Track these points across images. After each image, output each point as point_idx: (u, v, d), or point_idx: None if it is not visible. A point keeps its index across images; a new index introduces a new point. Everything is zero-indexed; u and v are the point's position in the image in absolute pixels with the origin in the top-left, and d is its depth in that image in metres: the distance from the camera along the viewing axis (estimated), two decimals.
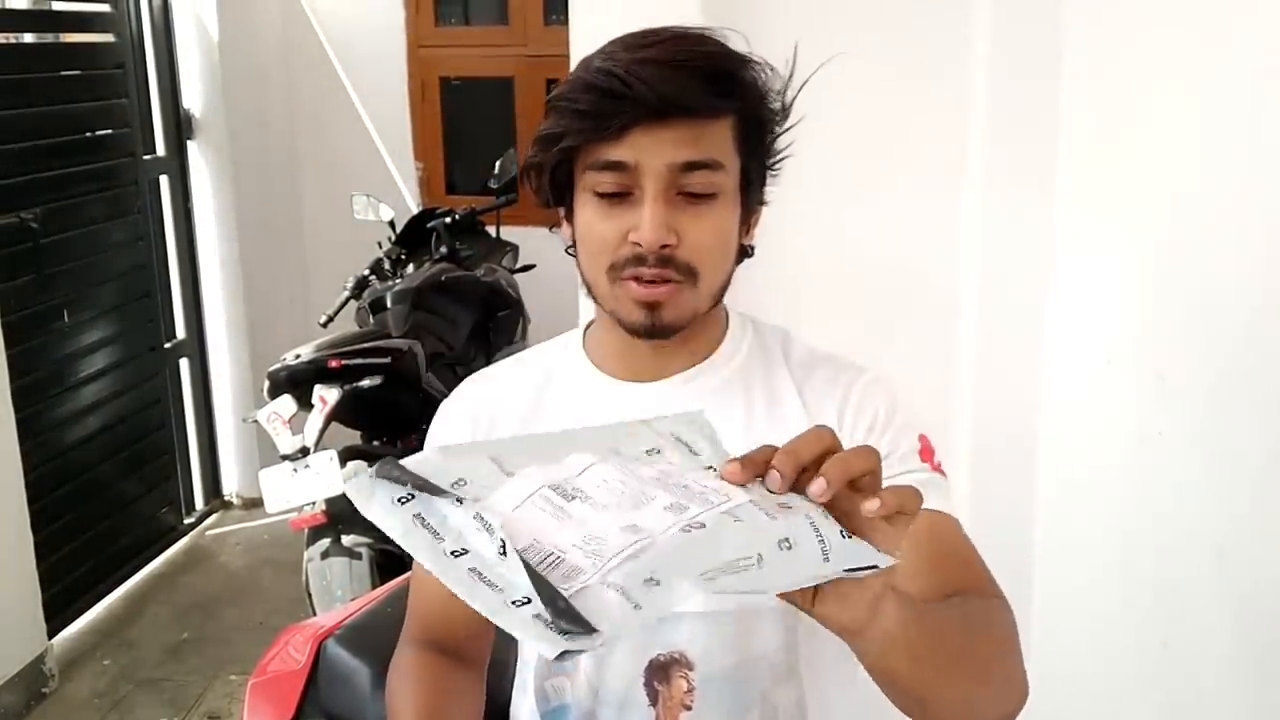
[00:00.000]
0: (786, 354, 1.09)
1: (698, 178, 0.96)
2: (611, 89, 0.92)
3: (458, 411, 1.13)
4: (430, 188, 4.32)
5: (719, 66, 0.95)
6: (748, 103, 0.98)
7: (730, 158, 0.98)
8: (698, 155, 0.95)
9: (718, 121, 0.96)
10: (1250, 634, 1.55)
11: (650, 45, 0.95)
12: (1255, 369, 1.51)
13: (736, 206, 1.01)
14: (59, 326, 3.18)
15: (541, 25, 4.16)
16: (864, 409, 1.05)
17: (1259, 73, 1.48)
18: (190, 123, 3.80)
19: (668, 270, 0.97)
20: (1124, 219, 1.71)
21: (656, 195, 0.95)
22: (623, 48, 0.95)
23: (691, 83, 0.93)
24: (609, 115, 0.93)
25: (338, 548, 2.61)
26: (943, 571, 0.99)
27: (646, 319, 0.99)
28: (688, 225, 0.97)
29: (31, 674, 2.89)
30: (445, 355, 3.17)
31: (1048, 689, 1.91)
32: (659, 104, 0.92)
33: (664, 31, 0.97)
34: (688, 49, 0.95)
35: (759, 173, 1.03)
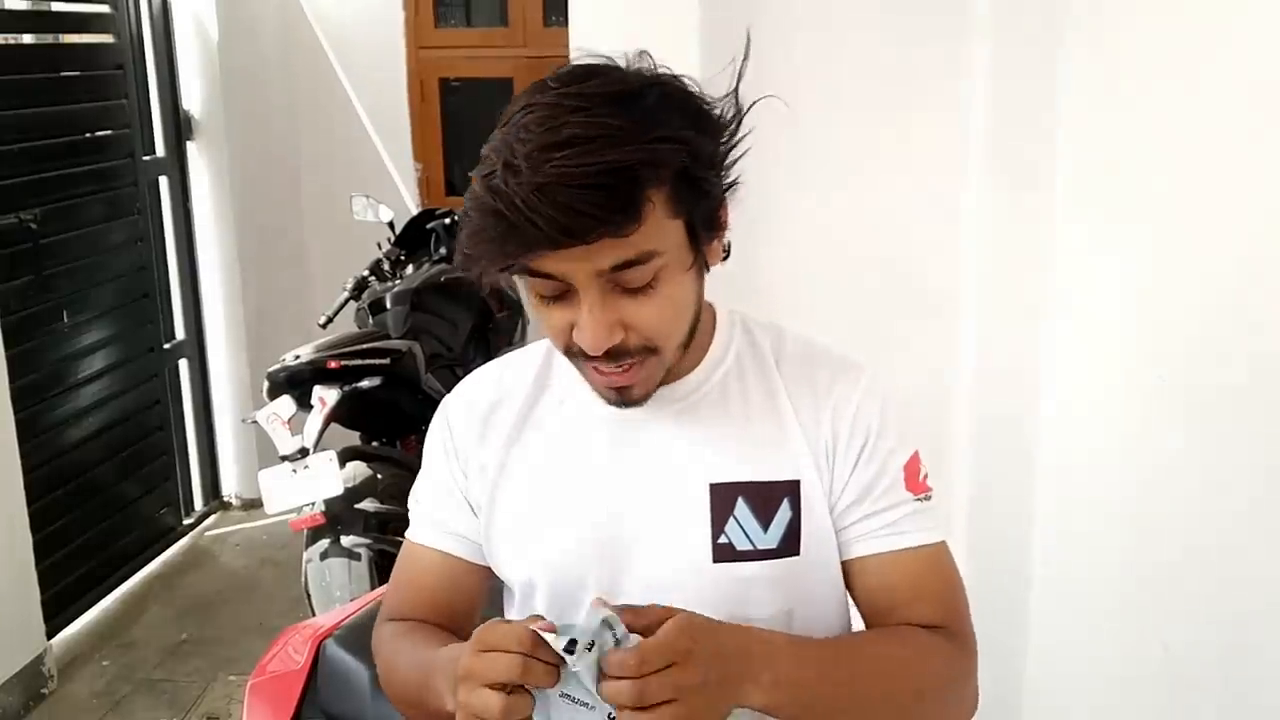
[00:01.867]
0: (778, 352, 1.07)
1: (632, 274, 0.90)
2: (514, 222, 0.85)
3: (458, 407, 1.12)
4: (430, 189, 4.32)
5: (626, 177, 0.86)
6: (674, 175, 0.89)
7: (667, 230, 0.91)
8: (626, 255, 0.89)
9: (643, 218, 0.88)
10: (1250, 637, 1.55)
11: (551, 153, 0.85)
12: (1254, 370, 1.51)
13: (686, 267, 0.95)
14: (58, 327, 3.18)
15: (541, 26, 4.16)
16: (858, 425, 1.03)
17: (1258, 73, 1.48)
18: (190, 124, 3.80)
19: (622, 359, 0.94)
20: (1123, 219, 1.71)
21: (593, 302, 0.91)
22: (525, 155, 0.85)
23: (598, 206, 0.85)
24: (511, 246, 0.87)
25: (337, 548, 2.60)
26: (905, 614, 1.02)
27: (616, 398, 0.99)
28: (633, 314, 0.92)
29: (30, 674, 2.89)
30: (444, 356, 3.17)
31: (1047, 689, 1.91)
32: (564, 237, 0.85)
33: (570, 119, 0.86)
34: (590, 161, 0.84)
35: (706, 216, 0.95)
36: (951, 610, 1.04)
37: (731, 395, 1.05)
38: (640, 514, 1.03)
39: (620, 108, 0.88)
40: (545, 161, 0.85)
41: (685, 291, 0.96)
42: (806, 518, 1.02)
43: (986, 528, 1.92)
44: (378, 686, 1.28)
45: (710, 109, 0.95)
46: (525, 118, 0.88)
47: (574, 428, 1.07)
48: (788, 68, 1.80)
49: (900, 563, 1.03)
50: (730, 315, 1.09)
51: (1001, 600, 1.90)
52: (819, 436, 1.03)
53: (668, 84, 0.93)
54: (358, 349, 2.84)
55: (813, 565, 1.03)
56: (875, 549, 1.03)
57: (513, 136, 0.88)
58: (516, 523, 1.07)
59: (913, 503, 1.03)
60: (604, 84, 0.90)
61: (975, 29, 1.83)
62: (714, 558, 1.01)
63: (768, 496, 1.01)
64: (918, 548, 1.03)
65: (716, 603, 0.99)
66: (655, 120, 0.88)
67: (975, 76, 1.84)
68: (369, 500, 2.70)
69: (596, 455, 1.05)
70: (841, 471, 1.02)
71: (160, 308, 3.70)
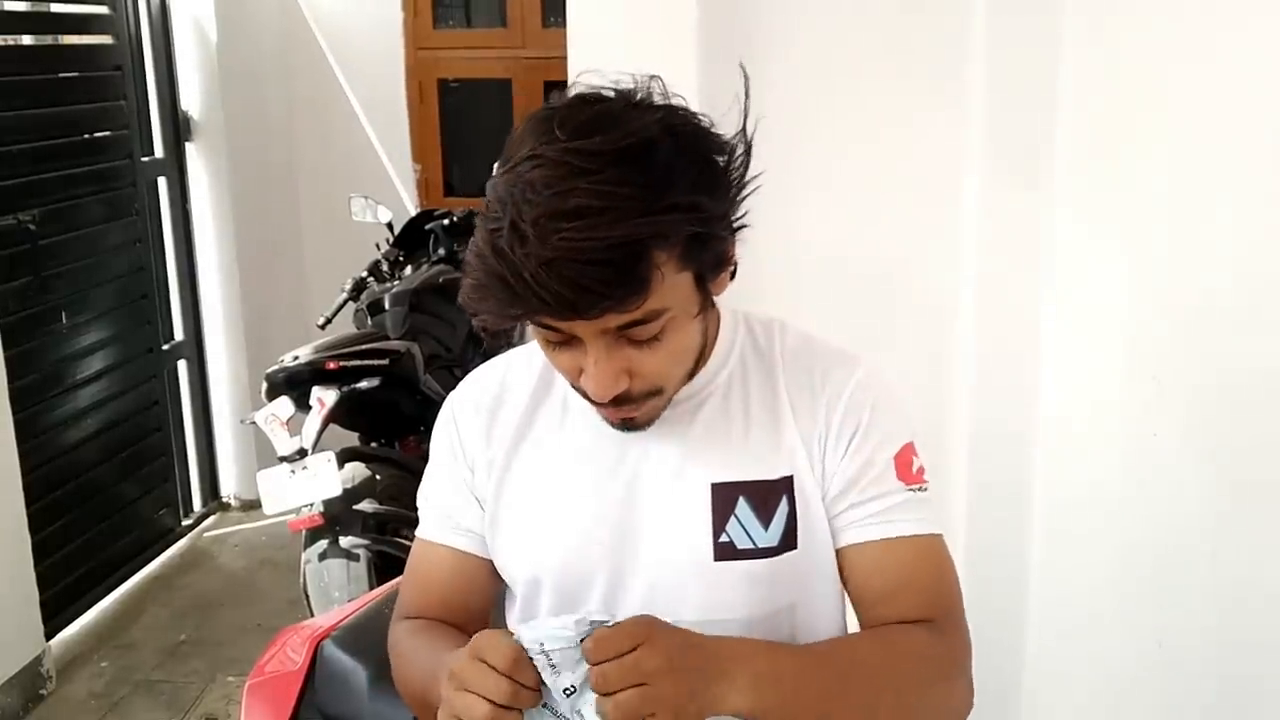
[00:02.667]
0: (779, 348, 1.07)
1: (639, 331, 0.91)
2: (519, 292, 0.85)
3: (464, 404, 1.13)
4: (428, 189, 4.33)
5: (635, 253, 0.84)
6: (682, 244, 0.88)
7: (673, 289, 0.90)
8: (631, 319, 0.89)
9: (654, 278, 0.87)
10: (1244, 633, 1.56)
11: (560, 223, 0.83)
12: (1249, 372, 1.52)
13: (693, 312, 0.95)
14: (57, 328, 3.17)
15: (540, 27, 4.16)
16: (849, 415, 1.03)
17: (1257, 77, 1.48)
18: (188, 124, 3.80)
19: (625, 405, 0.96)
20: (1122, 220, 1.72)
21: (599, 355, 0.91)
22: (533, 221, 0.83)
23: (603, 288, 0.84)
24: (519, 315, 0.89)
25: (335, 549, 2.60)
26: (893, 605, 1.02)
27: (623, 428, 1.00)
28: (639, 363, 0.93)
29: (29, 675, 2.89)
30: (443, 357, 3.17)
31: (1045, 688, 1.91)
32: (570, 312, 0.86)
33: (578, 184, 0.84)
34: (599, 236, 0.83)
35: (715, 261, 0.94)
36: (941, 603, 1.04)
37: (734, 395, 1.05)
38: (643, 514, 1.04)
39: (630, 170, 0.85)
40: (553, 232, 0.83)
41: (691, 336, 0.97)
42: (803, 511, 1.03)
43: (984, 527, 1.93)
44: (375, 687, 1.29)
45: (720, 150, 0.93)
46: (531, 172, 0.86)
47: (578, 428, 1.07)
48: (787, 67, 1.80)
49: (888, 551, 1.02)
50: (734, 316, 1.10)
51: (999, 598, 1.90)
52: (812, 428, 1.03)
53: (679, 130, 0.90)
54: (356, 350, 2.84)
55: (811, 558, 1.04)
56: (863, 537, 1.03)
57: (519, 194, 0.85)
58: (522, 522, 1.08)
59: (903, 492, 1.03)
60: (613, 139, 0.86)
61: (974, 29, 1.83)
62: (715, 556, 1.02)
63: (767, 495, 1.02)
64: (907, 537, 1.02)
65: (719, 601, 1.01)
66: (666, 183, 0.86)
67: (974, 76, 1.84)
68: (367, 501, 2.70)
69: (600, 455, 1.05)
70: (831, 461, 1.03)
71: (159, 309, 3.70)
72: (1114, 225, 1.73)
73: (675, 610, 0.99)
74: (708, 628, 0.99)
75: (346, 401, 2.74)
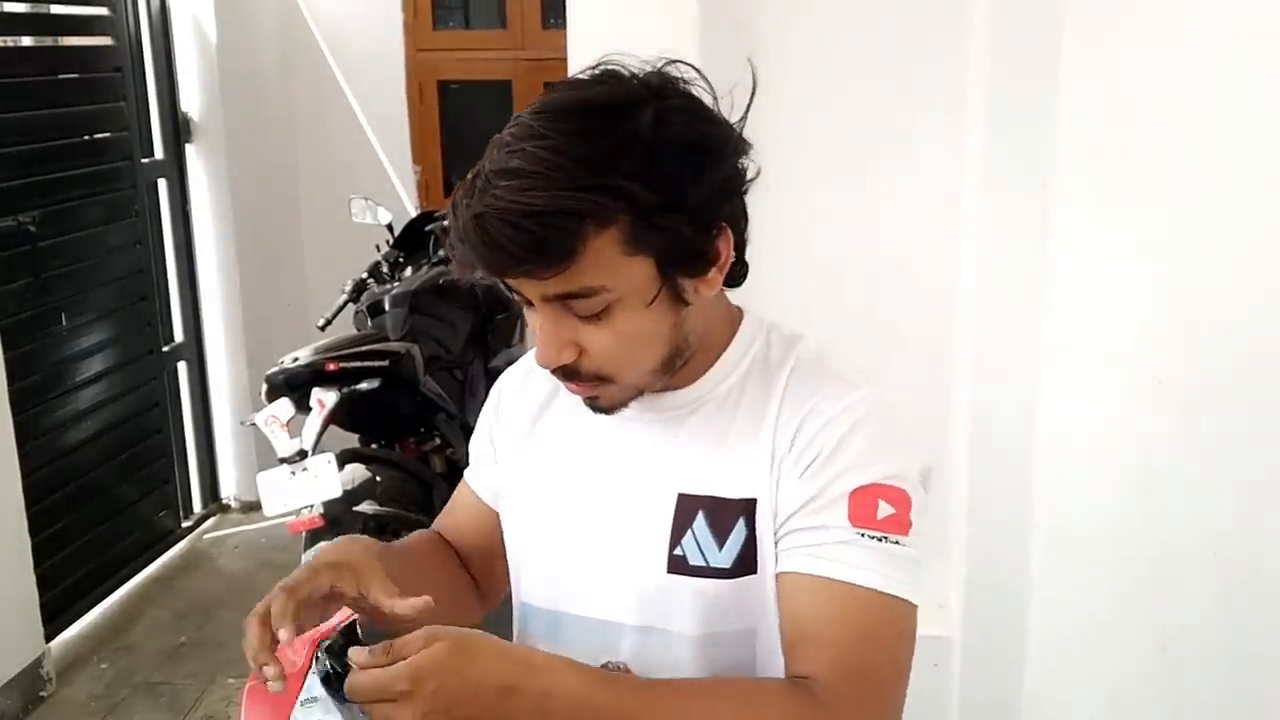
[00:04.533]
0: (795, 366, 1.01)
1: (579, 305, 0.90)
2: (455, 243, 0.89)
3: (511, 371, 1.18)
4: (428, 191, 4.33)
5: (550, 223, 0.84)
6: (629, 210, 0.86)
7: (618, 269, 0.88)
8: (568, 287, 0.88)
9: (584, 249, 0.86)
10: (1245, 635, 1.55)
11: (497, 181, 0.85)
12: (1250, 372, 1.52)
13: (644, 304, 0.91)
14: (57, 330, 3.17)
15: (539, 28, 4.16)
16: (815, 440, 0.95)
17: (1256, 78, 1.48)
18: (188, 126, 3.80)
19: (574, 381, 0.96)
20: (1123, 220, 1.72)
21: (544, 321, 0.92)
22: (485, 176, 0.86)
23: (517, 249, 0.84)
24: (464, 264, 0.90)
25: None
26: (799, 653, 0.92)
27: (591, 407, 1.00)
28: (586, 338, 0.92)
29: (29, 677, 2.89)
30: (443, 358, 3.17)
31: (1047, 689, 1.91)
32: (489, 270, 0.88)
33: (526, 146, 0.85)
34: (520, 200, 0.83)
35: (685, 251, 0.91)
36: (844, 668, 0.89)
37: (726, 408, 1.01)
38: (612, 513, 1.03)
39: (580, 140, 0.85)
40: (488, 189, 0.85)
41: (642, 326, 0.93)
42: (761, 536, 0.97)
43: (985, 529, 1.92)
44: None
45: (711, 144, 0.91)
46: (509, 129, 0.89)
47: (584, 419, 1.06)
48: (788, 67, 1.80)
49: (813, 590, 0.92)
50: (757, 326, 1.05)
51: (1000, 600, 1.90)
52: (780, 451, 0.97)
53: (668, 111, 0.89)
54: (356, 351, 2.84)
55: (768, 584, 0.97)
56: (790, 566, 0.94)
57: (493, 146, 0.89)
58: (517, 497, 1.11)
59: (848, 531, 0.92)
60: (584, 101, 0.88)
61: (975, 28, 1.83)
62: (668, 568, 0.99)
63: (726, 514, 0.98)
64: (839, 581, 0.91)
65: (669, 613, 0.99)
66: (610, 160, 0.85)
67: (975, 77, 1.84)
68: (368, 503, 2.70)
69: (591, 451, 1.06)
70: (786, 485, 0.96)
71: (159, 310, 3.70)
72: (1115, 226, 1.73)
73: (627, 615, 1.01)
74: (658, 638, 1.00)
75: (346, 403, 2.74)
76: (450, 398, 3.09)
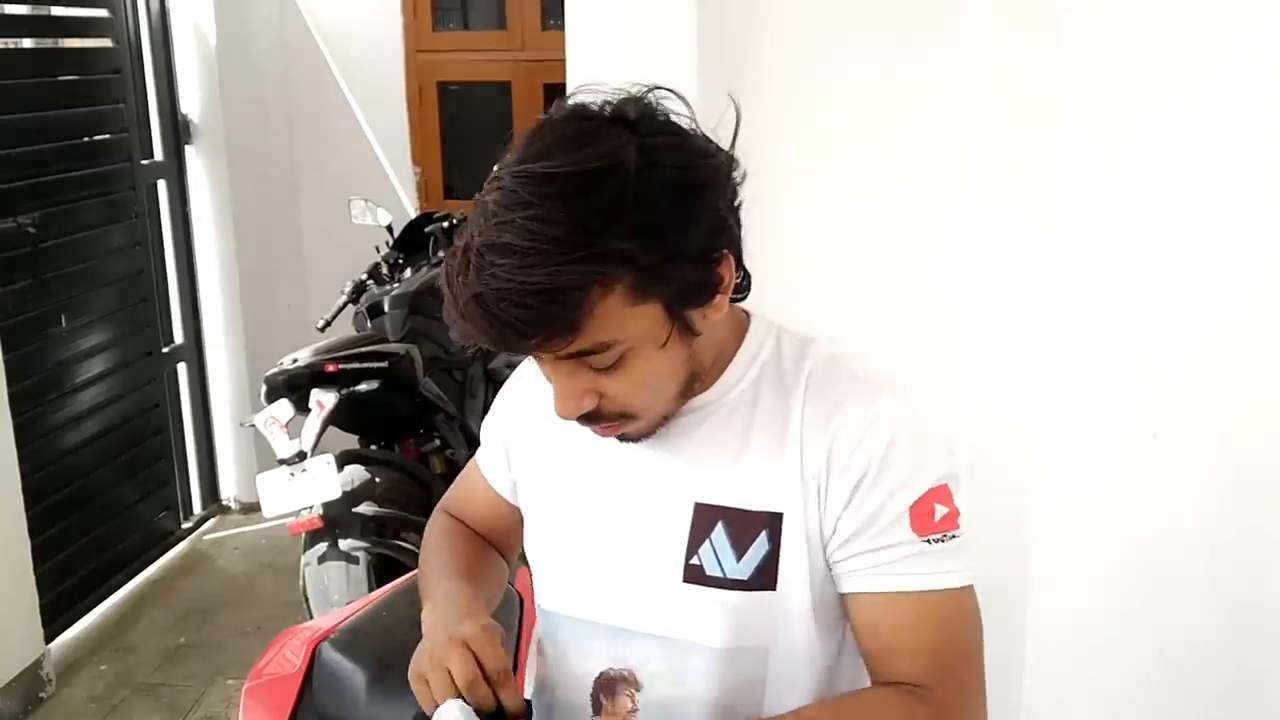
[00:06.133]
0: (813, 370, 1.00)
1: (594, 360, 0.90)
2: (456, 321, 0.87)
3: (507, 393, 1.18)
4: (428, 192, 4.33)
5: (557, 299, 0.83)
6: (628, 281, 0.85)
7: (628, 321, 0.88)
8: (578, 348, 0.88)
9: (586, 322, 0.85)
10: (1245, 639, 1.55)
11: (493, 258, 0.83)
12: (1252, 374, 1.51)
13: (657, 347, 0.91)
14: (56, 331, 3.17)
15: (539, 30, 4.16)
16: (855, 458, 0.95)
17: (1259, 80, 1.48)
18: (188, 127, 3.80)
19: (598, 424, 0.96)
20: (1126, 219, 1.72)
21: (559, 377, 0.92)
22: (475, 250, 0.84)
23: (526, 328, 0.84)
24: (467, 336, 0.88)
25: (335, 552, 2.60)
26: (890, 665, 0.96)
27: (619, 439, 0.99)
28: (604, 386, 0.92)
29: (29, 679, 2.89)
30: (443, 359, 3.17)
31: (1046, 694, 1.91)
32: (497, 347, 0.87)
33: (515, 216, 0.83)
34: (520, 279, 0.82)
35: (690, 288, 0.91)
36: (941, 669, 0.95)
37: (740, 415, 1.00)
38: (627, 521, 1.03)
39: (571, 205, 0.83)
40: (485, 267, 0.83)
41: (659, 366, 0.93)
42: (786, 553, 0.97)
43: (985, 531, 1.92)
44: (374, 689, 1.28)
45: (702, 179, 0.89)
46: (489, 196, 0.86)
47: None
48: (786, 68, 1.80)
49: (890, 605, 0.95)
50: (766, 330, 1.04)
51: (999, 605, 1.89)
52: (813, 467, 0.96)
53: (656, 154, 0.87)
54: (356, 352, 2.84)
55: (790, 602, 0.98)
56: (861, 586, 0.96)
57: (476, 217, 0.87)
58: (532, 501, 1.11)
59: (916, 544, 0.94)
60: (570, 162, 0.85)
61: (975, 29, 1.83)
62: (684, 578, 0.99)
63: (746, 526, 0.97)
64: (913, 593, 0.94)
65: (684, 623, 0.99)
66: (605, 223, 0.83)
67: (976, 78, 1.84)
68: (367, 504, 2.70)
69: (605, 458, 1.04)
70: (833, 508, 0.96)
71: (159, 311, 3.70)
72: (1117, 226, 1.72)
73: (640, 622, 1.01)
74: (671, 647, 1.00)
75: (346, 404, 2.74)
76: (450, 399, 3.09)
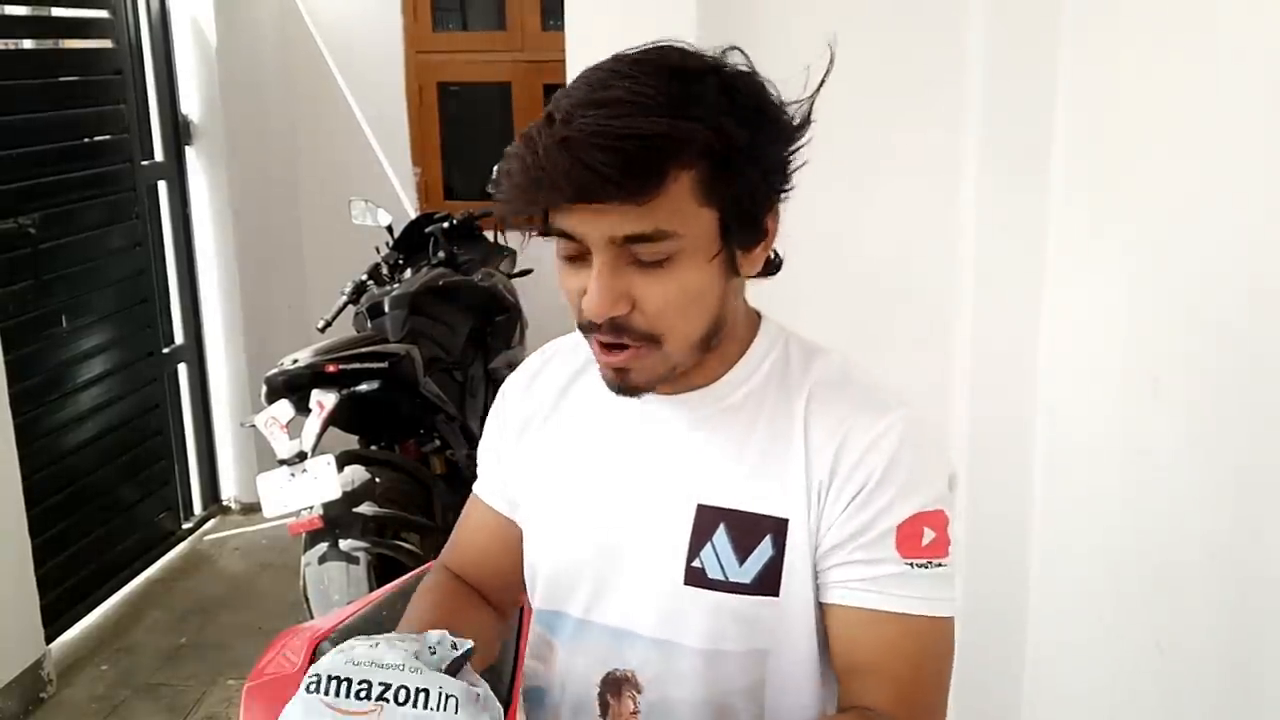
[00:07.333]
0: (818, 379, 1.01)
1: (644, 249, 0.89)
2: (532, 175, 0.86)
3: (514, 375, 1.16)
4: (428, 193, 4.33)
5: (648, 146, 0.85)
6: (707, 156, 0.88)
7: (692, 216, 0.89)
8: (641, 228, 0.88)
9: (665, 189, 0.87)
10: (1243, 636, 1.55)
11: (586, 110, 0.86)
12: (1248, 373, 1.52)
13: (708, 261, 0.92)
14: (57, 332, 3.18)
15: (539, 30, 4.17)
16: (859, 468, 0.96)
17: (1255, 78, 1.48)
18: (188, 128, 3.81)
19: (622, 337, 0.92)
20: (1120, 219, 1.72)
21: (602, 266, 0.90)
22: (565, 110, 0.87)
23: (614, 169, 0.84)
24: (532, 199, 0.88)
25: (335, 552, 2.60)
26: (859, 683, 0.96)
27: (614, 379, 0.96)
28: (642, 290, 0.91)
29: (29, 679, 2.89)
30: (443, 360, 3.17)
31: (1043, 692, 1.91)
32: (574, 194, 0.86)
33: (615, 84, 0.88)
34: (617, 123, 0.85)
35: (746, 214, 0.93)
36: (908, 697, 0.94)
37: (743, 417, 1.00)
38: (629, 522, 1.02)
39: (667, 81, 0.88)
40: (578, 118, 0.86)
41: (702, 282, 0.92)
42: (790, 559, 0.97)
43: (983, 530, 1.93)
44: None
45: (772, 109, 0.94)
46: (580, 78, 0.91)
47: (598, 419, 1.06)
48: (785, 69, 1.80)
49: (868, 623, 0.95)
50: (776, 333, 1.05)
51: (998, 602, 1.90)
52: (818, 474, 0.97)
53: (730, 74, 0.92)
54: (356, 353, 2.84)
55: (791, 609, 0.98)
56: (844, 600, 0.96)
57: (563, 94, 0.90)
58: (532, 505, 1.10)
59: (898, 564, 0.94)
60: (662, 58, 0.91)
61: (972, 29, 1.84)
62: (685, 580, 0.98)
63: (749, 529, 0.97)
64: (893, 614, 0.94)
65: (683, 626, 0.99)
66: (697, 100, 0.88)
67: (972, 76, 1.85)
68: (367, 504, 2.70)
69: (608, 454, 1.04)
70: (830, 513, 0.96)
71: (159, 312, 3.70)
72: (1113, 224, 1.73)
73: (641, 625, 1.01)
74: (668, 650, 1.00)
75: (346, 404, 2.74)
76: (450, 399, 3.09)
